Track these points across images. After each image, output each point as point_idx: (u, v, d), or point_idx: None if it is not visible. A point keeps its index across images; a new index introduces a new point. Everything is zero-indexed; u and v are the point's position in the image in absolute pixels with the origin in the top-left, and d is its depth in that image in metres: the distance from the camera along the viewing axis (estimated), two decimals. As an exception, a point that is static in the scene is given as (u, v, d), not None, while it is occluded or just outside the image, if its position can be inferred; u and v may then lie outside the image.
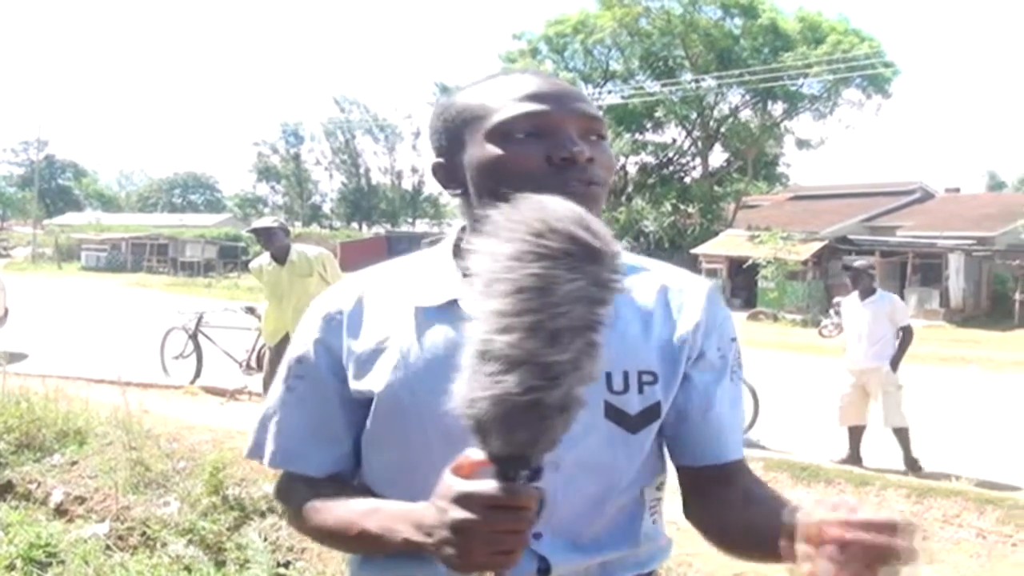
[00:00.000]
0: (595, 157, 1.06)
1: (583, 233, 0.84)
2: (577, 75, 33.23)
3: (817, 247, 25.07)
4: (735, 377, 1.17)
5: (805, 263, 24.59)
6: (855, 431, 6.42)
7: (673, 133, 34.40)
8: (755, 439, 6.70)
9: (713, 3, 30.57)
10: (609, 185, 1.10)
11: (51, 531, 4.00)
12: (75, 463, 4.86)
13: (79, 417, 5.41)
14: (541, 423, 0.83)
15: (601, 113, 1.13)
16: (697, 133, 33.09)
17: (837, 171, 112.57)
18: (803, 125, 46.95)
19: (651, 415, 1.10)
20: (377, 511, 1.02)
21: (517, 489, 0.85)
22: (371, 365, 1.09)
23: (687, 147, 34.36)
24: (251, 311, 8.50)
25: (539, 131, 1.05)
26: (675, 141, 34.52)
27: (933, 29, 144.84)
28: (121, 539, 4.03)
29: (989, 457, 6.50)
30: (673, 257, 25.09)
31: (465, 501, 0.86)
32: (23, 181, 71.72)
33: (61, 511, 4.45)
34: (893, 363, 6.30)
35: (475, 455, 0.87)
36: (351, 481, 1.16)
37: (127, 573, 3.57)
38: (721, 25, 31.09)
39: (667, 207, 30.15)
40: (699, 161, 33.81)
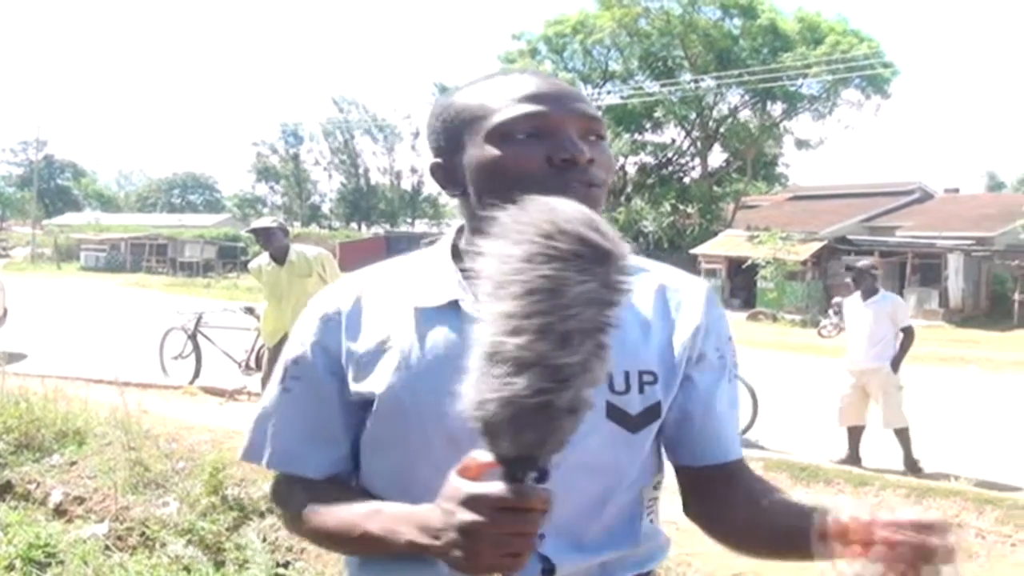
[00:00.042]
0: (595, 158, 1.05)
1: (593, 235, 0.84)
2: (576, 75, 33.25)
3: (816, 247, 25.08)
4: (732, 377, 1.19)
5: (804, 263, 24.61)
6: (854, 431, 6.42)
7: (672, 133, 34.49)
8: (754, 439, 6.71)
9: (712, 3, 30.60)
10: (609, 185, 1.09)
11: (50, 531, 4.00)
12: (74, 463, 4.86)
13: (78, 417, 5.40)
14: (550, 425, 0.82)
15: (600, 113, 1.13)
16: (696, 133, 33.10)
17: (836, 171, 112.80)
18: (802, 125, 46.89)
19: (652, 415, 1.10)
20: (379, 513, 1.01)
21: (526, 491, 0.85)
22: (372, 366, 1.08)
23: (686, 147, 34.38)
24: (250, 311, 8.49)
25: (539, 132, 1.04)
26: (674, 141, 34.56)
27: (932, 30, 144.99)
28: (120, 539, 4.03)
29: (988, 457, 6.50)
30: (672, 257, 25.09)
31: (473, 503, 0.85)
32: (22, 181, 71.73)
33: (60, 511, 4.45)
34: (894, 364, 6.29)
35: (482, 457, 0.87)
36: (349, 483, 1.15)
37: (126, 573, 3.57)
38: (720, 25, 31.11)
39: (666, 207, 30.17)
40: (698, 161, 33.83)
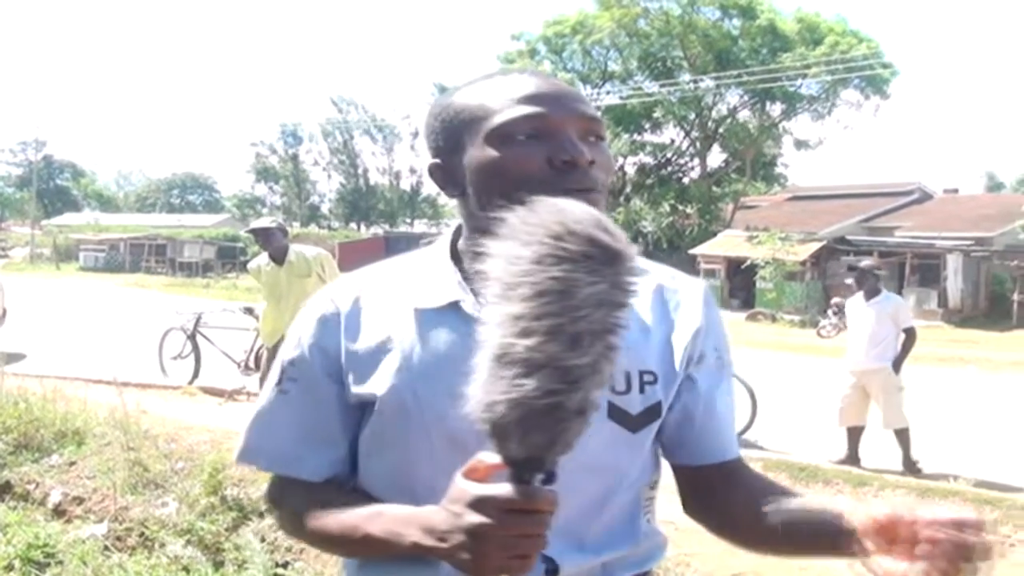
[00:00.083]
0: (595, 159, 1.05)
1: (603, 236, 0.83)
2: (575, 76, 33.25)
3: (815, 248, 25.08)
4: (729, 375, 1.20)
5: (803, 264, 24.61)
6: (854, 432, 6.42)
7: (671, 134, 34.46)
8: (753, 440, 6.71)
9: (712, 4, 30.59)
10: (608, 186, 1.09)
11: (49, 531, 4.00)
12: (73, 464, 4.86)
13: (77, 418, 5.40)
14: (559, 426, 0.82)
15: (600, 114, 1.12)
16: (695, 134, 33.10)
17: (835, 172, 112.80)
18: (801, 126, 46.87)
19: (652, 415, 1.10)
20: (381, 515, 1.01)
21: (534, 492, 0.85)
22: (372, 368, 1.07)
23: (685, 148, 34.38)
24: (249, 311, 8.49)
25: (539, 133, 1.04)
26: (673, 142, 34.54)
27: (931, 30, 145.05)
28: (119, 539, 4.03)
29: (987, 458, 6.51)
30: (671, 258, 25.09)
31: (481, 505, 0.85)
32: (21, 181, 71.71)
33: (59, 511, 4.45)
34: (896, 365, 6.29)
35: (489, 458, 0.86)
36: (346, 485, 1.14)
37: (125, 573, 3.57)
38: (719, 26, 31.11)
39: (665, 208, 30.18)
40: (697, 162, 33.83)
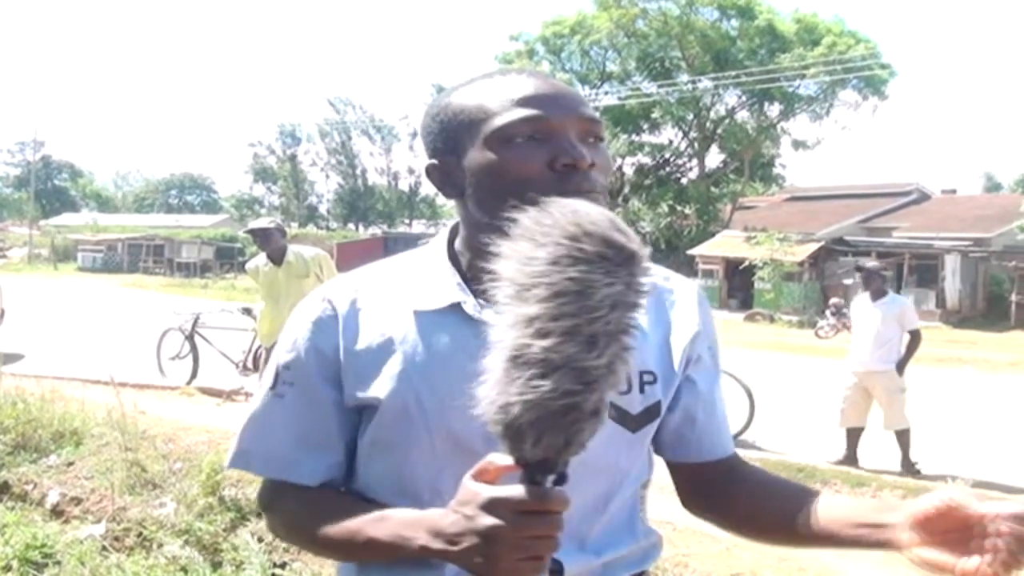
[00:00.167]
0: (595, 161, 1.04)
1: (619, 236, 0.83)
2: (574, 76, 33.30)
3: (813, 248, 25.11)
4: (720, 370, 1.23)
5: (801, 264, 24.63)
6: (853, 432, 6.42)
7: (670, 134, 34.50)
8: (751, 440, 6.71)
9: (710, 4, 30.62)
10: (607, 187, 1.09)
11: (47, 532, 3.98)
12: (71, 464, 4.85)
13: (75, 418, 5.39)
14: (574, 427, 0.82)
15: (599, 115, 1.12)
16: (694, 134, 33.12)
17: (833, 172, 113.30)
18: (799, 126, 47.11)
19: (652, 414, 1.11)
20: (386, 519, 0.99)
21: (548, 493, 0.84)
22: (373, 371, 1.06)
23: (684, 148, 34.40)
24: (247, 312, 8.47)
25: (539, 135, 1.03)
26: (671, 142, 34.57)
27: (929, 31, 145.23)
28: (117, 540, 4.02)
29: (985, 458, 6.51)
30: (670, 258, 25.13)
31: (494, 507, 0.84)
32: (19, 182, 71.71)
33: (57, 512, 4.44)
34: (899, 366, 6.29)
35: (500, 460, 0.86)
36: (342, 489, 1.13)
37: (123, 574, 3.56)
38: (718, 26, 31.14)
39: (664, 208, 30.20)
40: (696, 162, 33.85)
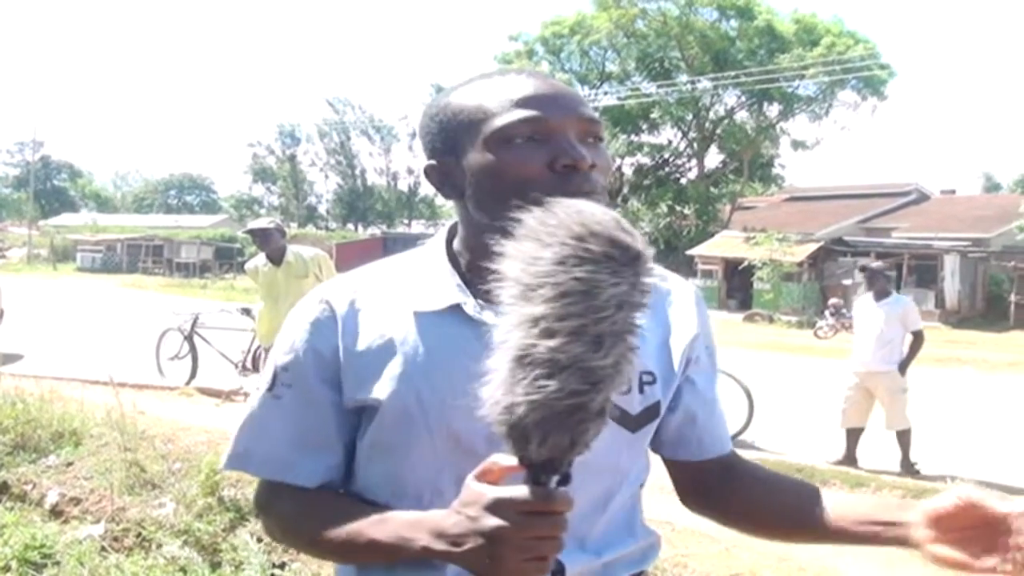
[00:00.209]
0: (595, 162, 1.04)
1: (625, 236, 0.83)
2: (573, 76, 33.30)
3: (812, 248, 25.11)
4: (717, 368, 1.23)
5: (800, 264, 24.63)
6: (853, 433, 6.42)
7: (669, 134, 34.52)
8: (750, 440, 6.71)
9: (709, 5, 30.63)
10: (607, 188, 1.09)
11: (46, 532, 3.98)
12: (70, 464, 4.85)
13: (74, 418, 5.39)
14: (580, 427, 0.82)
15: (598, 115, 1.12)
16: (693, 134, 33.13)
17: (833, 173, 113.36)
18: (799, 126, 47.15)
19: (651, 414, 1.11)
20: (387, 520, 0.99)
21: (552, 494, 0.84)
22: (373, 372, 1.05)
23: (683, 148, 34.41)
24: (247, 312, 8.47)
25: (538, 136, 1.02)
26: (671, 143, 34.59)
27: (928, 31, 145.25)
28: (116, 540, 4.02)
29: (984, 458, 6.52)
30: (669, 258, 25.13)
31: (499, 508, 0.84)
32: (19, 182, 71.70)
33: (56, 512, 4.43)
34: (902, 367, 6.28)
35: (504, 460, 0.86)
36: (340, 490, 1.13)
37: (122, 574, 3.56)
38: (717, 27, 31.16)
39: (663, 208, 30.22)
40: (695, 162, 33.86)
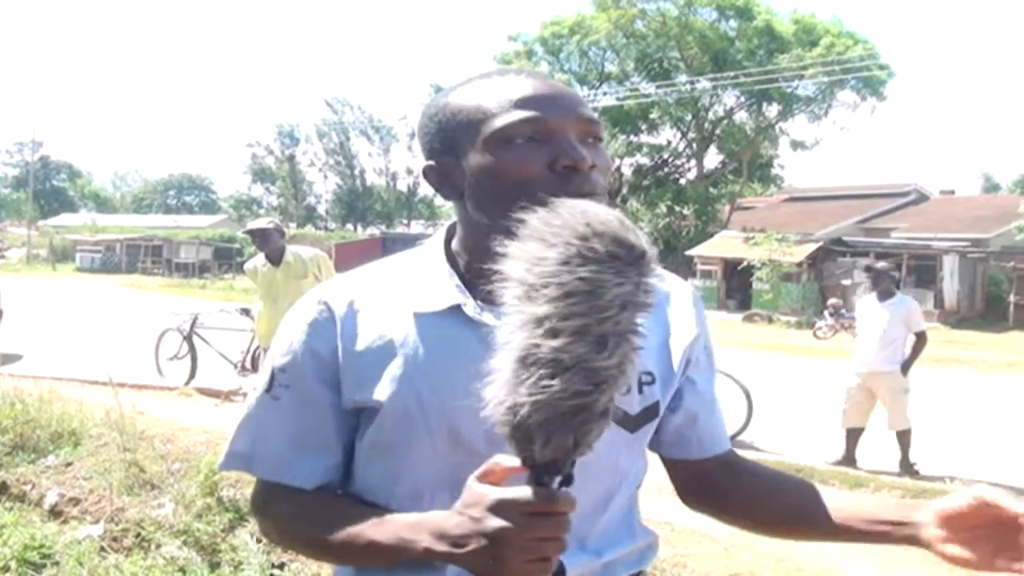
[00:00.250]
0: (595, 162, 1.03)
1: (630, 236, 0.83)
2: (572, 77, 33.29)
3: (812, 249, 25.12)
4: (715, 367, 1.24)
5: (800, 265, 24.64)
6: (852, 433, 6.41)
7: (668, 135, 34.47)
8: (749, 441, 6.71)
9: (708, 5, 30.62)
10: (607, 188, 1.09)
11: (45, 532, 3.98)
12: (69, 464, 4.85)
13: (73, 419, 5.38)
14: (583, 428, 0.82)
15: (598, 115, 1.12)
16: (692, 135, 33.12)
17: (832, 173, 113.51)
18: (798, 127, 47.09)
19: (650, 414, 1.11)
20: (387, 522, 0.99)
21: (555, 495, 0.84)
22: (373, 374, 1.05)
23: (682, 149, 34.40)
24: (246, 312, 8.46)
25: (538, 136, 1.02)
26: (670, 143, 34.56)
27: (928, 31, 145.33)
28: (116, 540, 4.02)
29: (983, 459, 6.52)
30: (668, 259, 25.12)
31: (502, 509, 0.84)
32: (18, 182, 71.68)
33: (55, 512, 4.43)
34: (904, 367, 6.28)
35: (507, 461, 0.86)
36: (338, 491, 1.12)
37: (121, 574, 3.56)
38: (716, 27, 31.14)
39: (662, 209, 30.23)
40: (694, 163, 33.84)
